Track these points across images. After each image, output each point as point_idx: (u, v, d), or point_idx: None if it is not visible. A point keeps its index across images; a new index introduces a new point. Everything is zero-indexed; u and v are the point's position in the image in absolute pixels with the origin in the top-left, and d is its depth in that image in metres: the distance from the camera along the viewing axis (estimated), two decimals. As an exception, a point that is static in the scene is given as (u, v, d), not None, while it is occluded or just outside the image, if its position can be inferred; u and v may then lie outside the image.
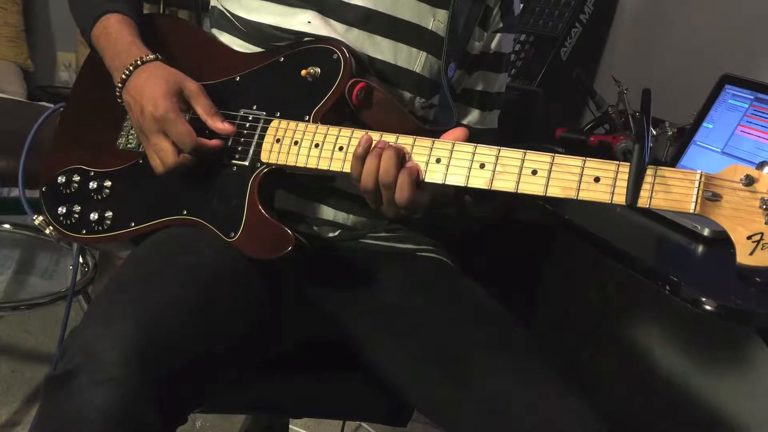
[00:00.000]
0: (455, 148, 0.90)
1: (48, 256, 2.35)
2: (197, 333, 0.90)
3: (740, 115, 1.35)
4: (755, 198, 0.76)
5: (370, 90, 1.01)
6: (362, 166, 0.93)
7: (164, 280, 0.93)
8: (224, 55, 1.13)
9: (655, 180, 0.80)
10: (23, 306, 1.95)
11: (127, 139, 1.14)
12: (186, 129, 0.99)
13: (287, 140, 1.00)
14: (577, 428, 0.90)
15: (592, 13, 1.97)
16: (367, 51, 1.08)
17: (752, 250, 0.74)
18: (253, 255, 0.99)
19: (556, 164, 0.85)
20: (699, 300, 0.93)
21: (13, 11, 2.79)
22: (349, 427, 1.87)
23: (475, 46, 1.17)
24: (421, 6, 1.10)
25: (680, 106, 1.53)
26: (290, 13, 1.08)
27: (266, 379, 1.13)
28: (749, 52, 1.67)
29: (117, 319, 0.85)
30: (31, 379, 1.97)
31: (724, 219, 0.77)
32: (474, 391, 0.96)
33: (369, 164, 0.92)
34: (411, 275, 1.13)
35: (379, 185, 0.92)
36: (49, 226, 1.15)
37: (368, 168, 0.92)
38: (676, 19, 1.89)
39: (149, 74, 1.03)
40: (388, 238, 1.18)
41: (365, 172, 0.93)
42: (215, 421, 1.90)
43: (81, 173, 1.14)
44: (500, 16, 1.18)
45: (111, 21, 1.10)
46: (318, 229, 1.13)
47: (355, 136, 0.96)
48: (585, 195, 0.83)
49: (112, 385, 0.80)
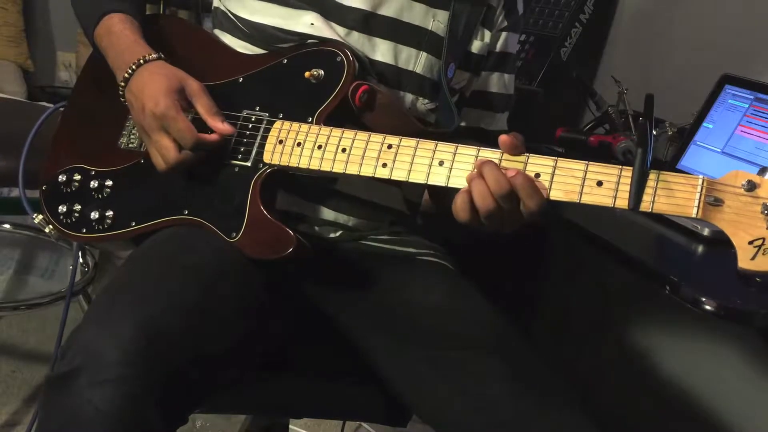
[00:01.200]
0: (458, 151, 0.90)
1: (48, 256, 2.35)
2: (198, 333, 0.90)
3: (740, 115, 1.35)
4: (757, 203, 0.76)
5: (373, 93, 1.01)
6: (470, 192, 0.87)
7: (165, 280, 0.93)
8: (227, 56, 1.13)
9: (657, 184, 0.80)
10: (23, 306, 1.94)
11: (129, 139, 1.14)
12: (186, 125, 0.99)
13: (290, 141, 1.00)
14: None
15: (592, 13, 1.98)
16: (367, 53, 1.08)
17: (754, 255, 0.75)
18: (254, 255, 0.99)
19: (558, 168, 0.85)
20: (699, 300, 0.93)
21: (13, 11, 2.79)
22: (349, 427, 1.87)
23: (478, 45, 1.17)
24: (420, 6, 1.10)
25: (680, 106, 1.53)
26: (293, 15, 1.08)
27: (266, 379, 1.13)
28: (749, 52, 1.67)
29: (117, 319, 0.85)
30: (31, 379, 1.97)
31: (725, 224, 0.77)
32: (472, 396, 0.96)
33: (477, 186, 0.87)
34: (412, 277, 1.13)
35: (499, 202, 0.86)
36: (49, 224, 1.14)
37: (479, 189, 0.86)
38: (676, 19, 1.89)
39: (151, 73, 1.03)
40: (389, 241, 1.18)
41: (477, 194, 0.87)
42: (215, 421, 1.90)
43: (82, 172, 1.14)
44: (504, 14, 1.18)
45: (114, 20, 1.10)
46: (319, 230, 1.14)
47: (358, 137, 0.96)
48: (588, 199, 0.83)
49: (112, 386, 0.80)
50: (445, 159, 0.91)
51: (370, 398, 1.16)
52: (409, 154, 0.93)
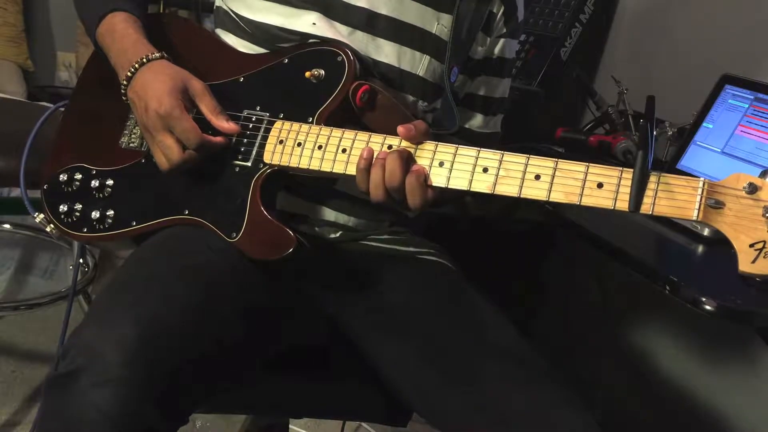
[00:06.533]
0: (458, 151, 0.90)
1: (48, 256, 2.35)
2: (198, 333, 0.90)
3: (740, 115, 1.35)
4: (758, 206, 0.76)
5: (374, 93, 1.01)
6: (368, 178, 0.93)
7: (165, 280, 0.93)
8: (228, 55, 1.13)
9: (658, 187, 0.80)
10: (23, 306, 1.94)
11: (130, 138, 1.14)
12: (191, 125, 0.99)
13: (290, 141, 1.00)
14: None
15: (592, 13, 1.97)
16: (370, 54, 1.09)
17: (754, 258, 0.75)
18: (255, 256, 0.99)
19: (559, 169, 0.85)
20: (699, 300, 0.93)
21: (13, 11, 2.78)
22: (349, 427, 1.87)
23: (478, 50, 1.18)
24: (425, 10, 1.10)
25: (680, 106, 1.53)
26: (295, 15, 1.08)
27: (266, 379, 1.13)
28: (749, 52, 1.67)
29: (118, 320, 0.85)
30: (31, 379, 1.97)
31: (726, 226, 0.77)
32: (473, 395, 0.96)
33: (374, 175, 0.92)
34: (412, 277, 1.14)
35: (389, 193, 0.92)
36: (50, 224, 1.15)
37: (374, 179, 0.92)
38: (676, 18, 1.89)
39: (154, 72, 1.03)
40: (389, 241, 1.18)
41: (372, 183, 0.93)
42: (215, 421, 1.90)
43: (83, 171, 1.14)
44: (504, 21, 1.18)
45: (117, 19, 1.10)
46: (319, 230, 1.14)
47: (358, 138, 0.96)
48: (588, 201, 0.83)
49: (113, 386, 0.80)
50: (446, 160, 0.91)
51: (370, 398, 1.16)
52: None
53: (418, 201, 0.91)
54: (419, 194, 0.91)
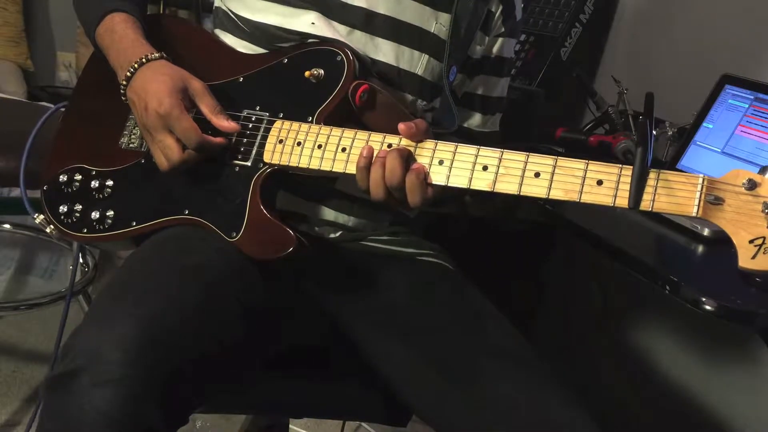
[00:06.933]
0: (458, 150, 0.91)
1: (48, 256, 2.35)
2: (198, 333, 0.90)
3: (740, 115, 1.35)
4: (758, 202, 0.76)
5: (373, 92, 1.01)
6: (368, 176, 0.93)
7: (165, 280, 0.93)
8: (228, 55, 1.13)
9: (657, 183, 0.80)
10: (23, 306, 1.94)
11: (130, 139, 1.14)
12: (191, 125, 0.99)
13: (290, 141, 1.00)
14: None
15: (592, 13, 1.97)
16: (369, 53, 1.09)
17: (754, 254, 0.75)
18: (255, 255, 0.99)
19: (558, 167, 0.85)
20: (699, 300, 0.93)
21: (13, 11, 2.78)
22: (349, 427, 1.87)
23: (476, 50, 1.17)
24: (423, 9, 1.10)
25: (680, 106, 1.53)
26: (294, 14, 1.08)
27: (266, 379, 1.13)
28: (749, 52, 1.67)
29: (118, 320, 0.85)
30: (31, 379, 1.97)
31: (726, 223, 0.77)
32: (473, 396, 0.96)
33: (374, 173, 0.92)
34: (412, 278, 1.14)
35: (389, 191, 0.92)
36: (50, 224, 1.15)
37: (374, 177, 0.93)
38: (676, 18, 1.89)
39: (154, 72, 1.03)
40: (389, 241, 1.18)
41: (372, 181, 0.93)
42: (215, 421, 1.90)
43: (83, 172, 1.14)
44: (502, 20, 1.18)
45: (116, 20, 1.10)
46: (319, 230, 1.14)
47: (358, 137, 0.96)
48: (588, 198, 0.83)
49: (113, 386, 0.80)
50: (445, 158, 0.91)
51: (370, 398, 1.16)
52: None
53: (418, 199, 0.91)
54: (419, 192, 0.91)
